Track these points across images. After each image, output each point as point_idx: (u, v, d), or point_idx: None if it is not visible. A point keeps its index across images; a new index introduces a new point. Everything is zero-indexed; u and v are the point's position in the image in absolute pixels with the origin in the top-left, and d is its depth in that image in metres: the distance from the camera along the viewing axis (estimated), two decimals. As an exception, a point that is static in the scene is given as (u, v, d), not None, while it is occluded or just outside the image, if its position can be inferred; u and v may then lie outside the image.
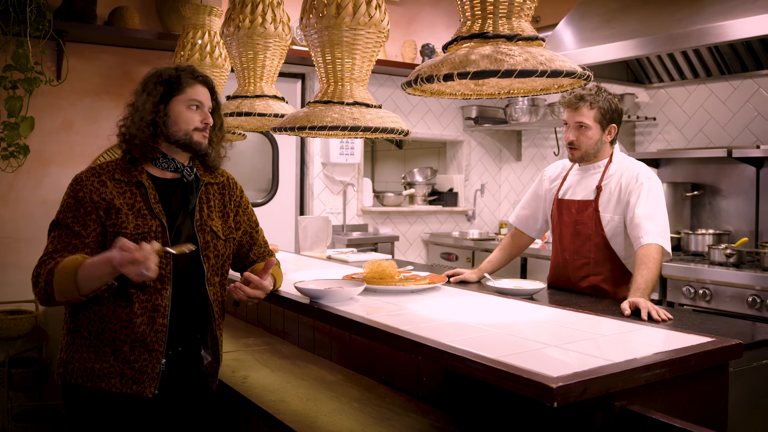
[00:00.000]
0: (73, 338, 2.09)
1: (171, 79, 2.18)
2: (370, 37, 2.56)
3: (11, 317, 3.89)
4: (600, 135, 2.91)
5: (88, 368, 2.05)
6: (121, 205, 2.08)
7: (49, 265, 1.98)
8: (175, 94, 2.17)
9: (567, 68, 1.84)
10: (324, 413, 2.13)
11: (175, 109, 2.17)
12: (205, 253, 2.19)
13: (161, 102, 2.15)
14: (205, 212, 2.25)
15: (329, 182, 5.44)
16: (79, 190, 2.07)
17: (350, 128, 2.48)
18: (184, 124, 2.18)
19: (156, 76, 2.19)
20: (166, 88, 2.16)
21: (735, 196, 4.50)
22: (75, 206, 2.06)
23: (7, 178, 4.04)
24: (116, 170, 2.14)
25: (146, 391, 2.07)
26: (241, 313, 3.41)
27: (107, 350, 2.05)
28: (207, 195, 2.28)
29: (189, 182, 2.24)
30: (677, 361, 1.72)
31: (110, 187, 2.09)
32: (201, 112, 2.21)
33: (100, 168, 2.14)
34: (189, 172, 2.24)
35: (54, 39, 3.94)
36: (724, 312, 3.71)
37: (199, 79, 2.23)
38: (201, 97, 2.22)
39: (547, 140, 6.04)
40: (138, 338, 2.05)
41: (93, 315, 2.06)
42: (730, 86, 4.55)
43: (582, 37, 4.31)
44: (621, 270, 2.90)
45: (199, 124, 2.20)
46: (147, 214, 2.11)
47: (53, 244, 2.04)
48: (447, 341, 1.80)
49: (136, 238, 2.04)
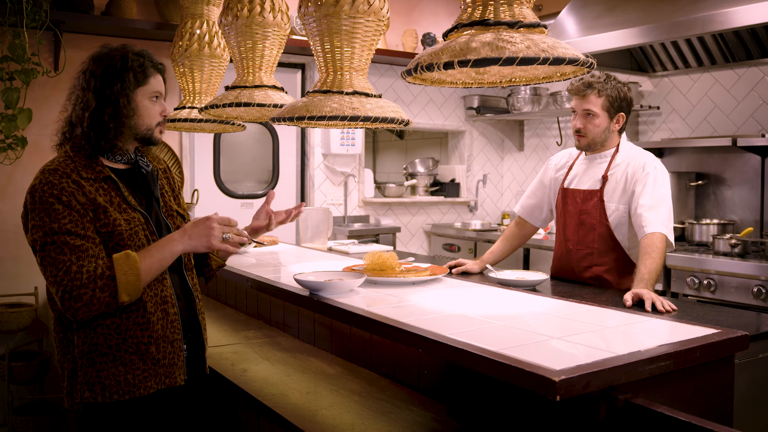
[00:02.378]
0: (92, 358, 1.94)
1: (136, 67, 2.01)
2: (369, 25, 2.52)
3: (11, 310, 3.87)
4: (608, 123, 2.89)
5: (122, 381, 1.94)
6: (105, 203, 1.94)
7: (92, 273, 1.84)
8: (140, 84, 2.02)
9: (570, 56, 1.80)
10: (324, 407, 2.11)
11: (139, 101, 2.03)
12: None
13: (125, 92, 2.00)
14: (167, 198, 2.19)
15: (330, 173, 5.41)
16: (59, 195, 1.88)
17: (350, 118, 2.44)
18: (147, 117, 2.05)
19: (117, 60, 2.00)
20: (131, 76, 2.00)
21: (740, 186, 4.46)
22: (65, 211, 1.88)
23: (4, 170, 4.02)
24: (79, 168, 1.96)
25: (177, 380, 2.04)
26: (240, 305, 3.39)
27: (134, 357, 1.96)
28: (161, 182, 2.20)
29: (148, 172, 2.14)
30: (682, 354, 1.69)
31: (86, 186, 1.93)
32: (160, 104, 2.09)
33: (62, 168, 1.94)
34: (143, 161, 2.14)
35: (51, 29, 3.91)
36: (728, 303, 3.68)
37: (158, 67, 2.09)
38: (161, 87, 2.09)
39: (549, 130, 6.00)
40: (159, 335, 1.99)
41: (107, 329, 1.94)
42: (734, 74, 4.51)
43: (584, 25, 4.26)
44: (625, 261, 2.87)
45: (159, 118, 2.09)
46: (127, 208, 2.00)
47: (65, 255, 1.85)
48: (448, 334, 1.78)
49: (131, 233, 1.97)
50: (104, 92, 1.99)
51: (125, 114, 2.01)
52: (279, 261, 3.32)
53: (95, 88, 2.00)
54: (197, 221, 2.00)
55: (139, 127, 2.05)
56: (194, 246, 1.99)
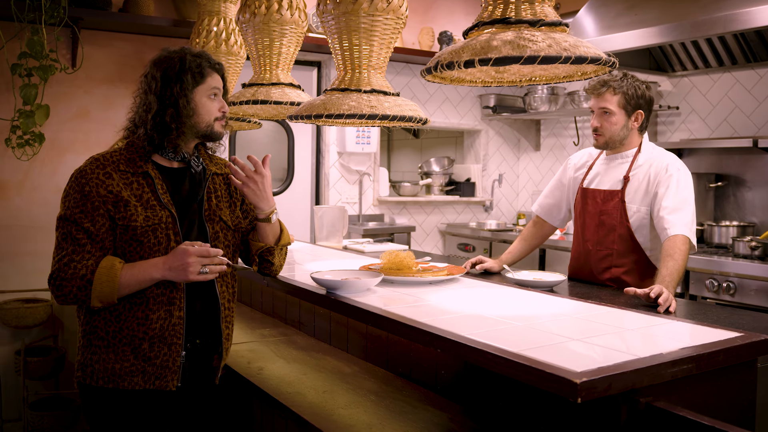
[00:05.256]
0: (90, 340, 2.04)
1: (193, 67, 2.09)
2: (388, 23, 2.51)
3: (27, 306, 3.89)
4: (625, 121, 2.86)
5: (109, 369, 2.01)
6: (128, 197, 2.01)
7: (77, 271, 1.93)
8: (198, 83, 2.10)
9: (591, 54, 1.78)
10: (341, 406, 2.10)
11: (198, 100, 2.10)
12: (214, 244, 2.15)
13: (185, 92, 2.07)
14: (213, 202, 2.20)
15: (345, 172, 5.40)
16: (84, 184, 1.99)
17: (368, 116, 2.44)
18: (206, 114, 2.12)
19: (175, 62, 2.09)
20: (189, 77, 2.08)
21: (760, 187, 4.41)
22: (82, 201, 1.98)
23: (22, 166, 4.04)
24: (121, 161, 2.06)
25: (169, 384, 2.04)
26: (256, 303, 3.39)
27: (126, 349, 2.01)
28: (214, 185, 2.23)
29: (197, 172, 2.19)
30: (705, 357, 1.67)
31: (116, 179, 2.02)
32: (219, 101, 2.16)
33: (104, 159, 2.05)
34: (196, 161, 2.20)
35: (69, 26, 3.92)
36: (748, 306, 3.64)
37: (215, 66, 2.17)
38: (219, 84, 2.16)
39: (566, 129, 5.96)
40: (156, 334, 2.01)
41: (109, 315, 2.02)
42: (756, 74, 4.45)
43: (603, 24, 4.23)
44: (645, 263, 2.83)
45: (218, 114, 2.15)
46: (156, 205, 2.04)
47: (66, 244, 1.97)
48: (466, 334, 1.77)
49: (147, 229, 2.01)
50: (165, 94, 2.06)
51: (186, 114, 2.07)
52: (294, 259, 3.31)
53: (156, 90, 2.07)
54: (176, 252, 1.98)
55: (199, 125, 2.12)
56: (172, 277, 2.00)
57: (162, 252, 2.02)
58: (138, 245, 2.01)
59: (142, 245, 2.01)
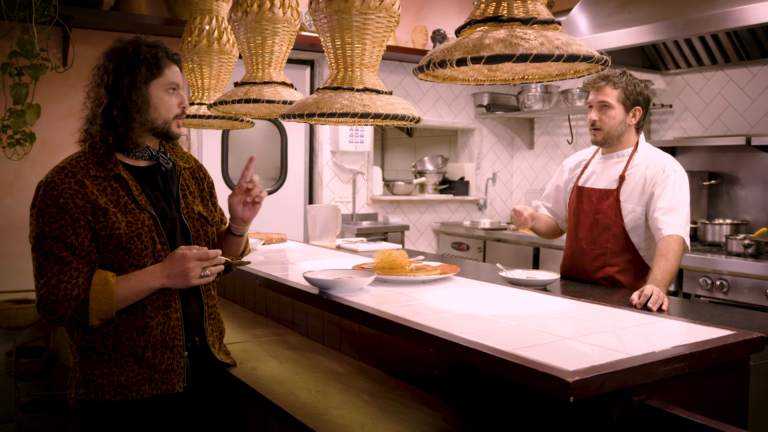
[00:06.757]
0: (89, 356, 1.94)
1: (149, 59, 1.95)
2: (380, 21, 2.50)
3: (18, 306, 3.87)
4: (623, 116, 2.87)
5: (114, 382, 1.92)
6: (106, 204, 1.89)
7: (68, 292, 1.83)
8: (155, 76, 1.96)
9: (584, 52, 1.78)
10: (334, 406, 2.09)
11: (155, 94, 1.97)
12: (196, 242, 2.10)
13: (138, 86, 1.93)
14: (189, 199, 2.12)
15: (338, 171, 5.39)
16: (57, 197, 1.86)
17: (360, 115, 2.42)
18: (164, 111, 1.99)
19: (129, 53, 1.94)
20: (144, 69, 1.93)
21: (753, 185, 4.42)
22: (59, 215, 1.85)
23: (13, 165, 4.02)
24: (89, 166, 1.93)
25: (176, 387, 2.00)
26: (249, 303, 3.37)
27: (129, 360, 1.93)
28: (185, 181, 2.14)
29: (167, 170, 2.09)
30: (697, 355, 1.66)
31: (89, 187, 1.89)
32: (178, 96, 2.03)
33: (71, 166, 1.91)
34: (165, 158, 2.08)
35: (60, 25, 3.90)
36: (741, 304, 3.64)
37: (174, 57, 2.02)
38: (178, 78, 2.02)
39: (560, 128, 5.96)
40: (157, 340, 1.96)
41: (106, 329, 1.92)
42: (749, 72, 4.46)
43: (596, 22, 4.22)
44: (639, 263, 2.84)
45: (178, 110, 2.03)
46: (134, 209, 1.94)
47: (50, 264, 1.85)
48: (459, 333, 1.76)
49: (131, 236, 1.92)
50: (116, 87, 1.94)
51: (139, 108, 1.94)
52: (287, 259, 3.30)
53: (108, 83, 1.95)
54: (174, 258, 1.91)
55: (155, 120, 2.00)
56: (172, 284, 1.93)
57: (150, 257, 1.95)
58: (125, 253, 1.92)
59: (129, 253, 1.92)
